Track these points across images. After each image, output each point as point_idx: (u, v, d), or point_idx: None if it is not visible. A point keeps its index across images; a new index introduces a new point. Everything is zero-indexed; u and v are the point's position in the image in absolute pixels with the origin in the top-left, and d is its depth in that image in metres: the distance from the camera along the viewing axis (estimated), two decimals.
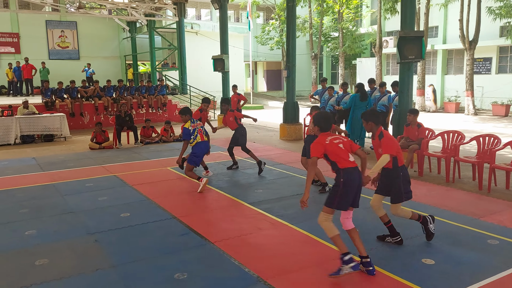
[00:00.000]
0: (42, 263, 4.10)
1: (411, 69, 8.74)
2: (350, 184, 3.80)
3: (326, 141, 3.88)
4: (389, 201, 4.56)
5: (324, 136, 3.94)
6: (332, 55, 31.96)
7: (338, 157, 3.85)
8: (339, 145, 3.90)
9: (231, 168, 8.40)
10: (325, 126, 4.00)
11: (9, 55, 22.53)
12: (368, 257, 3.87)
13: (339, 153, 3.86)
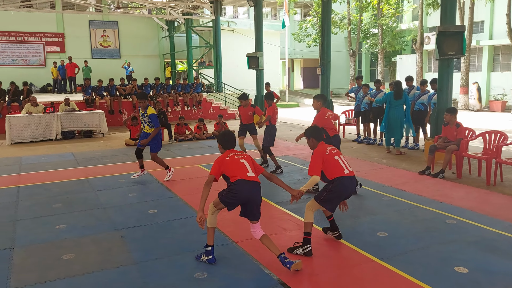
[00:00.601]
0: (68, 258, 4.19)
1: (451, 66, 8.34)
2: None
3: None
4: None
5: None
6: (371, 52, 31.20)
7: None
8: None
9: (275, 172, 7.88)
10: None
11: (54, 54, 23.53)
12: (284, 253, 3.88)
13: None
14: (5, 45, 22.75)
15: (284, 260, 3.78)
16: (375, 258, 4.14)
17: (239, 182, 3.86)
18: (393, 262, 4.02)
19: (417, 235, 4.74)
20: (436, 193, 6.35)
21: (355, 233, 4.80)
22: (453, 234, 4.73)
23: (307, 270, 3.90)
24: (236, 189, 3.86)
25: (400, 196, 6.17)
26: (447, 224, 5.04)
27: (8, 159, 9.54)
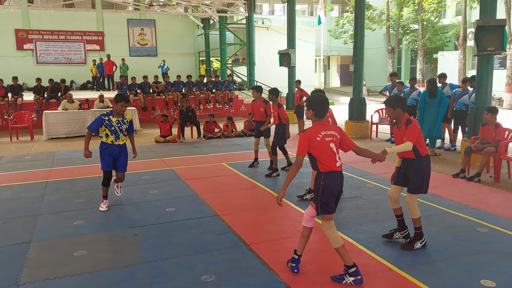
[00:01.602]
0: (80, 255, 4.20)
1: (491, 63, 7.82)
2: (330, 189, 3.54)
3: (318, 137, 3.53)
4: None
5: (315, 129, 3.58)
6: (411, 49, 30.13)
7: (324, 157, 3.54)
8: (330, 144, 3.55)
9: (285, 169, 7.89)
10: (320, 112, 3.64)
11: (94, 52, 24.26)
12: (299, 257, 3.78)
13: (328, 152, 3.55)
14: (48, 43, 23.67)
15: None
16: (394, 267, 3.88)
17: (331, 175, 3.52)
18: (413, 272, 3.76)
19: (444, 243, 4.42)
20: (470, 198, 5.95)
21: (376, 239, 4.54)
22: (485, 244, 4.38)
23: (319, 278, 3.71)
24: (328, 184, 3.51)
25: (430, 200, 5.82)
26: (478, 233, 4.68)
27: (42, 154, 9.84)
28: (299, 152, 3.52)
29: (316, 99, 3.67)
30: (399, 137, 4.21)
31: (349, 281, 3.52)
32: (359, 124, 11.71)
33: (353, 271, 3.53)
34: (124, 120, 5.63)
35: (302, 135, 3.58)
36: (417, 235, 4.30)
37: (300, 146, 3.54)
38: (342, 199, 5.98)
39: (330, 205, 3.55)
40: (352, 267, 3.53)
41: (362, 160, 8.65)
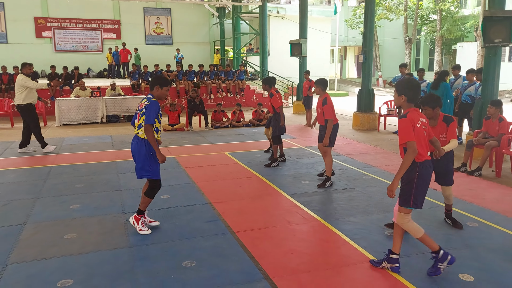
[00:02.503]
0: (70, 237, 4.34)
1: (498, 55, 7.64)
2: (425, 179, 3.44)
3: (417, 124, 3.36)
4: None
5: (415, 115, 3.37)
6: (430, 40, 29.50)
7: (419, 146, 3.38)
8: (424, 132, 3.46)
9: (278, 159, 7.65)
10: (414, 96, 3.40)
11: (111, 40, 24.53)
12: (398, 254, 3.66)
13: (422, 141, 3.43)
14: (66, 31, 24.02)
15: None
16: (375, 258, 3.89)
17: (425, 165, 3.41)
18: None
19: (430, 236, 4.39)
20: (467, 193, 5.88)
21: (362, 230, 4.55)
22: (471, 239, 4.34)
23: (300, 267, 3.75)
24: (423, 174, 3.40)
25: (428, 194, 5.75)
26: (467, 227, 4.64)
27: (52, 140, 10.08)
28: (409, 139, 3.26)
29: (408, 83, 3.46)
30: (435, 134, 4.20)
31: (444, 266, 3.51)
32: (367, 115, 11.61)
33: (443, 254, 3.50)
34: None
35: (404, 120, 3.33)
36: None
37: (407, 131, 3.29)
38: (336, 190, 6.00)
39: (423, 197, 3.52)
40: (439, 251, 3.51)
41: (364, 152, 8.63)
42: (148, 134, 4.12)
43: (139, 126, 4.22)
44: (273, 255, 3.97)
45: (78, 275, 3.55)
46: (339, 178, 6.64)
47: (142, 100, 4.30)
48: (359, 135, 10.73)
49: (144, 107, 4.17)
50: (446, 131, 4.39)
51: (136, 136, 4.28)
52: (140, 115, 4.20)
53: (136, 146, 4.27)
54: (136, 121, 4.30)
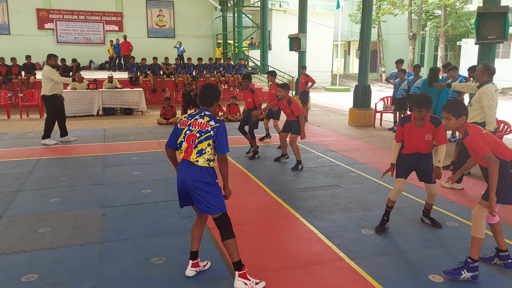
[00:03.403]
0: (43, 231, 4.33)
1: (493, 52, 7.50)
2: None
3: (484, 131, 3.41)
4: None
5: (476, 127, 3.42)
6: (435, 36, 29.16)
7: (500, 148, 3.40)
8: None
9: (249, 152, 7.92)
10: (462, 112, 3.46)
11: (113, 33, 24.50)
12: (507, 251, 3.65)
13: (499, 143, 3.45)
14: (68, 23, 24.03)
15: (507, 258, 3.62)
16: (347, 257, 3.85)
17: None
18: (362, 263, 3.72)
19: (406, 236, 4.35)
20: (452, 191, 5.80)
21: (338, 228, 4.50)
22: (448, 239, 4.28)
23: (269, 264, 3.71)
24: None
25: (410, 192, 5.70)
26: (446, 227, 4.57)
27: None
28: (485, 152, 3.26)
29: (461, 103, 3.54)
30: (419, 135, 4.25)
31: (467, 277, 3.41)
32: (363, 112, 11.50)
33: (475, 266, 3.42)
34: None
35: (471, 138, 3.34)
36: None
37: (481, 146, 3.29)
38: (320, 187, 5.94)
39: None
40: (475, 262, 3.42)
41: (356, 148, 8.55)
42: (224, 166, 3.28)
43: (199, 152, 3.23)
44: (245, 253, 3.91)
45: (43, 270, 3.54)
46: (325, 175, 6.57)
47: (200, 118, 3.29)
48: (354, 132, 10.64)
49: (211, 128, 3.23)
50: (432, 132, 4.30)
51: (191, 163, 3.25)
52: (203, 139, 3.23)
53: (196, 176, 3.23)
54: (183, 144, 3.28)
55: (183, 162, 3.31)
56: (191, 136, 3.26)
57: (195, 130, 3.26)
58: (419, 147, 4.33)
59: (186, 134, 3.28)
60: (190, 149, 3.25)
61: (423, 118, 4.27)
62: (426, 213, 4.67)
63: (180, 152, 3.33)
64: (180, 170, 3.33)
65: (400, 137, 4.41)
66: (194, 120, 3.30)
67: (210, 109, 3.40)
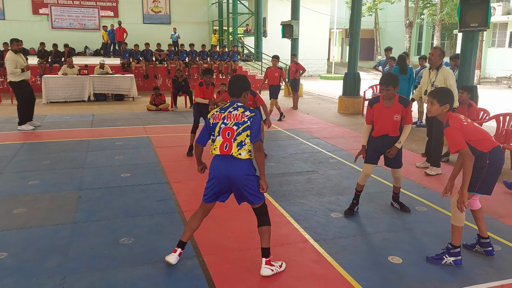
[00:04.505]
0: (18, 212, 4.42)
1: (475, 40, 7.52)
2: (496, 165, 3.38)
3: (464, 123, 3.35)
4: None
5: (457, 119, 3.36)
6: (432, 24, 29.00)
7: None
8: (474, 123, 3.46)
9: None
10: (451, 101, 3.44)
11: (108, 18, 24.35)
12: (488, 238, 3.69)
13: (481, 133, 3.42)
14: (64, 8, 23.87)
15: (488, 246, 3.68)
16: (312, 239, 3.95)
17: (497, 151, 3.37)
18: (326, 245, 3.82)
19: (373, 219, 4.44)
20: (426, 178, 5.89)
21: (309, 212, 4.59)
22: (414, 223, 4.37)
23: (234, 245, 3.81)
24: (497, 159, 3.35)
25: (384, 177, 5.79)
26: (414, 211, 4.66)
27: (34, 117, 10.13)
28: (461, 146, 3.22)
29: (447, 91, 3.51)
30: (388, 115, 4.31)
31: (449, 261, 3.48)
32: (352, 99, 11.54)
33: (457, 252, 3.48)
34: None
35: (450, 129, 3.29)
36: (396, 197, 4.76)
37: (458, 139, 3.25)
38: (297, 172, 6.02)
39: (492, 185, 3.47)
40: (457, 248, 3.48)
41: (340, 135, 8.62)
42: (261, 155, 3.21)
43: (239, 145, 3.15)
44: (212, 234, 4.03)
45: (13, 248, 3.63)
46: (305, 161, 6.65)
47: (233, 110, 3.21)
48: (342, 119, 10.69)
49: (247, 119, 3.18)
50: (401, 112, 4.36)
51: (233, 157, 3.16)
52: (241, 130, 3.16)
53: (244, 170, 3.17)
54: (218, 138, 3.20)
55: (222, 157, 3.19)
56: (227, 129, 3.19)
57: (231, 123, 3.19)
58: (388, 128, 4.37)
59: (221, 128, 3.20)
60: (229, 143, 3.16)
61: (391, 97, 4.31)
62: (395, 198, 4.76)
63: (213, 147, 3.24)
64: (220, 166, 3.20)
65: (370, 118, 4.46)
66: (228, 113, 3.22)
67: (240, 99, 3.32)
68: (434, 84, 5.66)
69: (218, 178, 3.23)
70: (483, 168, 3.36)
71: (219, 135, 3.20)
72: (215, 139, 3.22)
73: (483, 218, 3.70)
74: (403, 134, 4.39)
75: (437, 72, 5.71)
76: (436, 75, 5.69)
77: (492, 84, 21.44)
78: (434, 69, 5.75)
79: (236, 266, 3.45)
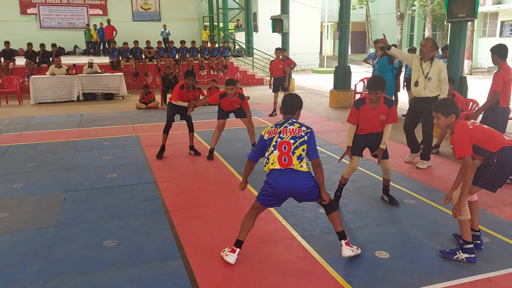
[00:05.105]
0: (1, 216, 4.34)
1: (464, 30, 7.48)
2: (505, 165, 3.28)
3: (470, 127, 3.31)
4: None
5: (462, 125, 3.32)
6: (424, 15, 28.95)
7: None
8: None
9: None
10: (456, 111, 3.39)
11: (97, 17, 24.12)
12: (479, 231, 3.67)
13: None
14: (52, 7, 23.61)
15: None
16: (299, 235, 3.91)
17: (507, 150, 3.26)
18: (313, 241, 3.78)
19: (361, 214, 4.41)
20: (416, 170, 5.86)
21: (297, 208, 4.54)
22: (402, 216, 4.34)
23: (221, 244, 3.75)
24: (507, 158, 3.26)
25: (373, 171, 5.75)
26: (403, 204, 4.64)
27: (21, 118, 10.04)
28: (465, 153, 3.22)
29: (450, 101, 3.48)
30: (374, 116, 4.33)
31: (461, 257, 3.41)
32: (343, 93, 11.49)
33: (469, 248, 3.41)
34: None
35: (457, 136, 3.29)
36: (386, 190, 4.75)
37: (465, 146, 3.24)
38: None
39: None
40: (470, 243, 3.41)
41: (331, 130, 8.58)
42: (320, 170, 3.32)
43: (299, 158, 3.20)
44: (199, 234, 3.98)
45: None
46: None
47: (289, 126, 3.30)
48: (333, 113, 10.65)
49: (304, 133, 3.26)
50: (386, 113, 4.36)
51: (294, 170, 3.21)
52: (299, 144, 3.22)
53: (306, 183, 3.25)
54: (274, 152, 3.24)
55: (283, 171, 3.23)
56: (283, 143, 3.25)
57: (287, 137, 3.26)
58: (374, 128, 4.41)
59: (277, 142, 3.26)
60: (287, 156, 3.22)
61: (378, 100, 4.31)
62: (385, 190, 4.73)
63: (270, 162, 3.27)
64: (280, 179, 3.23)
65: (356, 119, 4.43)
66: (284, 128, 3.31)
67: (294, 117, 3.43)
68: (428, 76, 5.60)
69: (278, 191, 3.28)
70: (491, 166, 3.32)
71: (275, 149, 3.26)
72: (270, 154, 3.27)
73: (477, 211, 3.67)
74: (385, 134, 4.42)
75: (431, 64, 5.61)
76: (430, 67, 5.61)
77: (484, 74, 21.47)
78: (428, 60, 5.65)
79: (222, 266, 3.40)
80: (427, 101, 5.58)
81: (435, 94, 5.61)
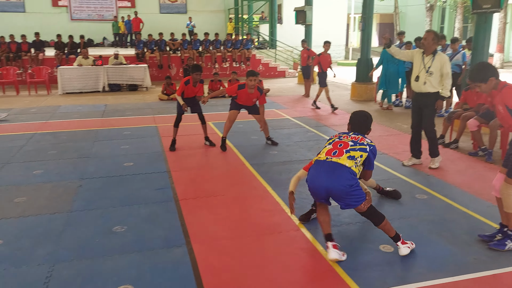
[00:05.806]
0: (19, 201, 4.53)
1: (489, 22, 7.22)
2: None
3: None
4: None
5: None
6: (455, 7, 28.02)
7: None
8: None
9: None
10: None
11: (126, 9, 24.53)
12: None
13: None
14: (82, 0, 24.18)
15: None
16: (304, 227, 3.91)
17: None
18: (318, 233, 3.77)
19: None
20: None
21: (305, 200, 4.53)
22: (413, 210, 4.28)
23: (225, 234, 3.80)
24: None
25: (388, 165, 5.68)
26: (414, 199, 4.56)
27: (48, 107, 10.37)
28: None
29: (486, 64, 3.68)
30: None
31: (509, 246, 3.41)
32: (364, 86, 11.32)
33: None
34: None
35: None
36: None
37: None
38: (299, 161, 5.95)
39: None
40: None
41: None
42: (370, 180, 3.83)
43: (350, 158, 3.25)
44: (205, 223, 4.04)
45: (8, 236, 3.73)
46: (309, 149, 6.58)
47: (353, 135, 3.43)
48: (354, 106, 10.51)
49: (367, 144, 3.34)
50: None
51: (336, 164, 3.25)
52: (358, 148, 3.30)
53: (344, 180, 3.20)
54: (328, 146, 3.42)
55: (322, 163, 3.28)
56: (339, 142, 3.35)
57: (348, 139, 3.37)
58: None
59: (334, 141, 3.41)
60: (339, 151, 3.27)
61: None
62: (380, 191, 4.59)
63: (320, 155, 3.40)
64: (319, 174, 3.28)
65: None
66: (346, 135, 3.45)
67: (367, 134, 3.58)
68: (429, 70, 5.38)
69: (317, 188, 3.34)
70: None
71: (330, 145, 3.39)
72: (323, 148, 3.43)
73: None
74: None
75: (433, 58, 5.36)
76: (432, 60, 5.37)
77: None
78: (430, 54, 5.42)
79: (224, 255, 3.45)
80: (427, 96, 5.39)
81: (436, 89, 5.36)
